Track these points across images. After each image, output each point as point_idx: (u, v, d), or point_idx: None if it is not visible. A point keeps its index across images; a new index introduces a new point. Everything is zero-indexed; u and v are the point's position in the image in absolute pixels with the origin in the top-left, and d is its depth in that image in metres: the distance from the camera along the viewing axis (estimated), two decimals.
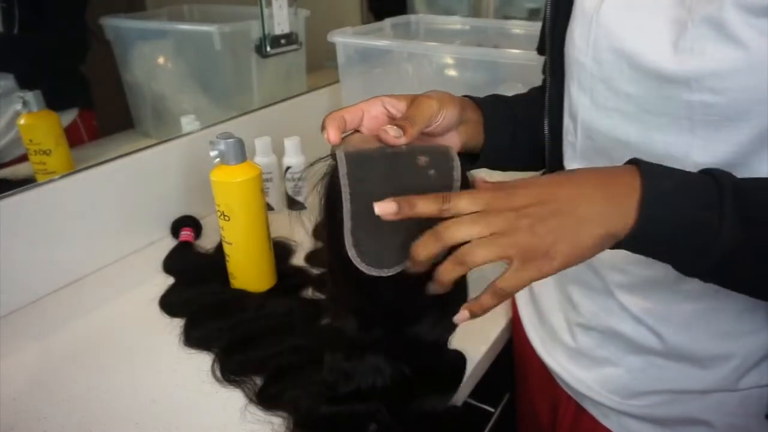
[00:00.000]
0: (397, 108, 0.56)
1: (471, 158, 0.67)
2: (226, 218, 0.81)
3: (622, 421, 0.64)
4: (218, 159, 0.80)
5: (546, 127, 0.67)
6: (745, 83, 0.46)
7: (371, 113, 0.56)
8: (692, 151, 0.51)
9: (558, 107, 0.64)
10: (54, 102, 0.95)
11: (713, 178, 0.43)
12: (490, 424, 0.84)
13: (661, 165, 0.45)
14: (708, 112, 0.48)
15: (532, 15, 1.65)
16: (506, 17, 1.71)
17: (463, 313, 0.45)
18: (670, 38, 0.49)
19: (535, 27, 0.67)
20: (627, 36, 0.52)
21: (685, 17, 0.49)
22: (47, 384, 0.73)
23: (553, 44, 0.63)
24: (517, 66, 0.98)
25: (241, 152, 0.80)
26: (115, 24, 1.11)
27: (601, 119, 0.57)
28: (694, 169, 0.48)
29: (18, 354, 0.78)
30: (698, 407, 0.58)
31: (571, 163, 0.63)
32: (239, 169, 0.80)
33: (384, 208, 0.43)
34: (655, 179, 0.43)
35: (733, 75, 0.46)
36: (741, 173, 0.48)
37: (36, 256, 0.88)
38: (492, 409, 0.85)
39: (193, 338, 0.78)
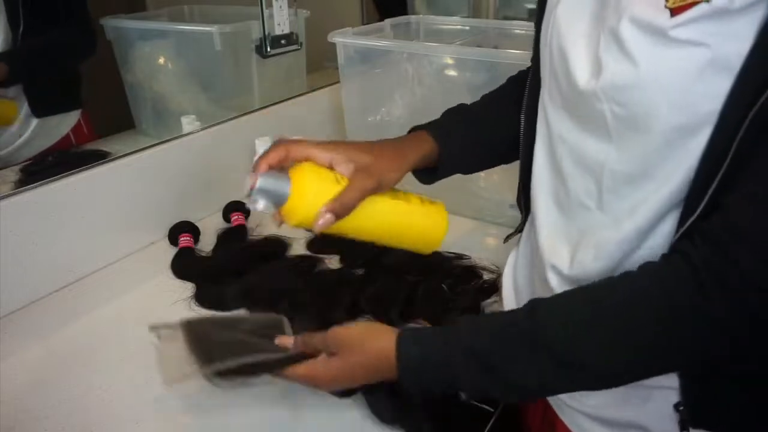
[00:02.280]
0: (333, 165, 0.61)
1: (430, 172, 0.70)
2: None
3: (574, 418, 0.65)
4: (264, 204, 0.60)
5: (523, 113, 0.67)
6: (639, 98, 0.47)
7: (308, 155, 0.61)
8: (609, 158, 0.51)
9: (536, 95, 0.65)
10: (60, 104, 0.96)
11: (449, 342, 0.52)
12: (489, 424, 0.84)
13: (419, 339, 0.55)
14: (617, 122, 0.49)
15: (532, 15, 1.64)
16: (506, 17, 1.71)
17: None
18: (589, 48, 0.51)
19: None
20: (568, 38, 0.54)
21: (598, 29, 0.50)
22: (47, 384, 0.73)
23: (537, 32, 0.63)
24: (517, 66, 0.97)
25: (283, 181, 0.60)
26: (116, 24, 1.11)
27: (551, 113, 0.58)
28: (610, 176, 0.52)
29: (18, 354, 0.78)
30: (639, 413, 0.58)
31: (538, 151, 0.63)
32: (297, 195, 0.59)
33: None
34: (405, 356, 0.54)
35: (628, 90, 0.47)
36: (646, 185, 0.50)
37: (36, 256, 0.88)
38: (492, 409, 0.85)
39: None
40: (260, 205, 0.58)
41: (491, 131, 0.72)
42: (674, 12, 0.43)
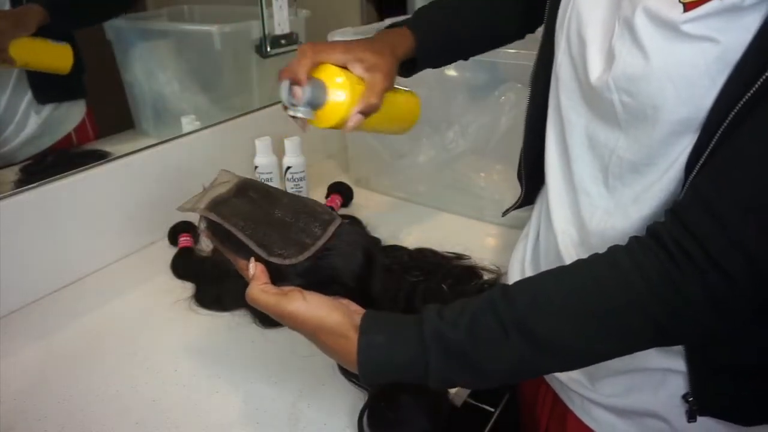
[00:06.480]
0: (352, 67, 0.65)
1: (408, 66, 0.75)
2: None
3: (586, 408, 0.65)
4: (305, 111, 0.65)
5: (530, 86, 0.68)
6: (648, 90, 0.47)
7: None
8: (618, 144, 0.52)
9: (545, 76, 0.65)
10: (64, 91, 0.96)
11: (419, 327, 0.50)
12: (490, 424, 0.84)
13: (382, 318, 0.52)
14: (626, 112, 0.50)
15: None
16: None
17: None
18: (604, 36, 0.51)
19: None
20: (589, 25, 0.54)
21: (614, 16, 0.50)
22: (47, 384, 0.73)
23: (550, 20, 0.63)
24: (517, 66, 0.98)
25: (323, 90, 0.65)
26: (116, 24, 1.11)
27: (564, 96, 0.59)
28: (617, 163, 0.52)
29: (18, 354, 0.78)
30: (652, 400, 0.58)
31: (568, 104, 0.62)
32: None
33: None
34: (369, 334, 0.51)
35: (638, 81, 0.47)
36: (650, 174, 0.50)
37: (36, 256, 0.88)
38: (492, 409, 0.85)
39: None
40: (302, 112, 0.64)
41: (465, 26, 0.78)
42: (687, 7, 0.43)
